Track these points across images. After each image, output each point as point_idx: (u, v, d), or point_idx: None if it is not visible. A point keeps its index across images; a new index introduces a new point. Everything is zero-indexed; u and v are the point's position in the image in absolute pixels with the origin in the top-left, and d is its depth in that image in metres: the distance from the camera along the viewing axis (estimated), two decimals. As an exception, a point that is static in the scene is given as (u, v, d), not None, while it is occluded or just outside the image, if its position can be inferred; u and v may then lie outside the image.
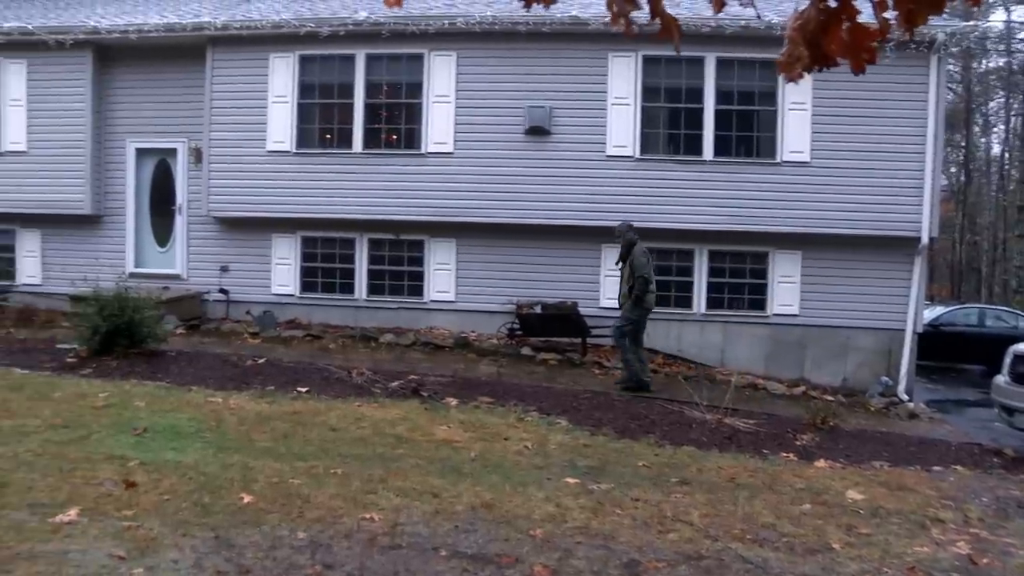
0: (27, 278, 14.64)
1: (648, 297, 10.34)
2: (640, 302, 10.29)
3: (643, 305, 10.35)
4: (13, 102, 14.39)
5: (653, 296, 10.49)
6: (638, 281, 10.22)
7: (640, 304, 10.31)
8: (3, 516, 4.69)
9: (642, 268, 10.24)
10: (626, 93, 12.50)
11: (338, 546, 4.60)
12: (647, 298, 10.33)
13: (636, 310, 10.35)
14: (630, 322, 10.41)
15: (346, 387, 9.04)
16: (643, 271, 10.23)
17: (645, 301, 10.33)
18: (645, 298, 10.30)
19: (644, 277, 10.22)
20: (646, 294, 10.28)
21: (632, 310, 10.36)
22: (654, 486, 6.28)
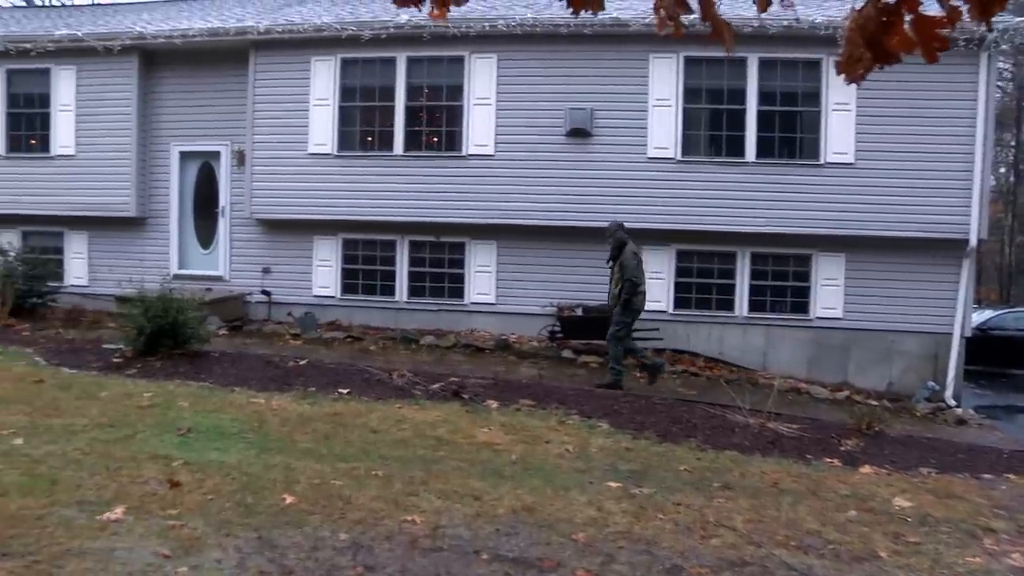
0: (75, 279, 14.90)
1: (636, 299, 10.24)
2: (629, 304, 10.20)
3: (632, 307, 10.26)
4: (63, 107, 14.66)
5: (642, 298, 10.38)
6: (626, 284, 10.12)
7: (629, 306, 10.22)
8: (53, 513, 4.77)
9: (631, 270, 10.12)
10: (667, 94, 12.42)
11: (379, 548, 4.60)
12: (635, 300, 10.22)
13: (626, 313, 10.26)
14: (624, 326, 10.30)
15: (387, 389, 9.05)
16: (631, 273, 10.11)
17: (633, 303, 10.23)
18: (633, 300, 10.20)
19: (631, 280, 10.10)
20: (634, 296, 10.17)
21: (623, 313, 10.25)
22: (696, 491, 6.20)
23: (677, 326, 12.67)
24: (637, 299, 10.25)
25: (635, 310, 10.34)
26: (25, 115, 14.97)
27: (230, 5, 17.15)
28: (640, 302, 10.36)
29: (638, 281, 10.16)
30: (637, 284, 10.15)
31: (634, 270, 10.11)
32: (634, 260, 10.20)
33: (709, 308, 12.69)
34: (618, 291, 10.23)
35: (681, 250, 12.77)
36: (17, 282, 13.04)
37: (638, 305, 10.34)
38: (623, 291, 10.12)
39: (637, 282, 10.14)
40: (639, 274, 10.19)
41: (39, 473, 5.51)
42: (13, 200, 14.84)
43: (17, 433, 6.54)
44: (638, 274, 10.16)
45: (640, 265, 10.28)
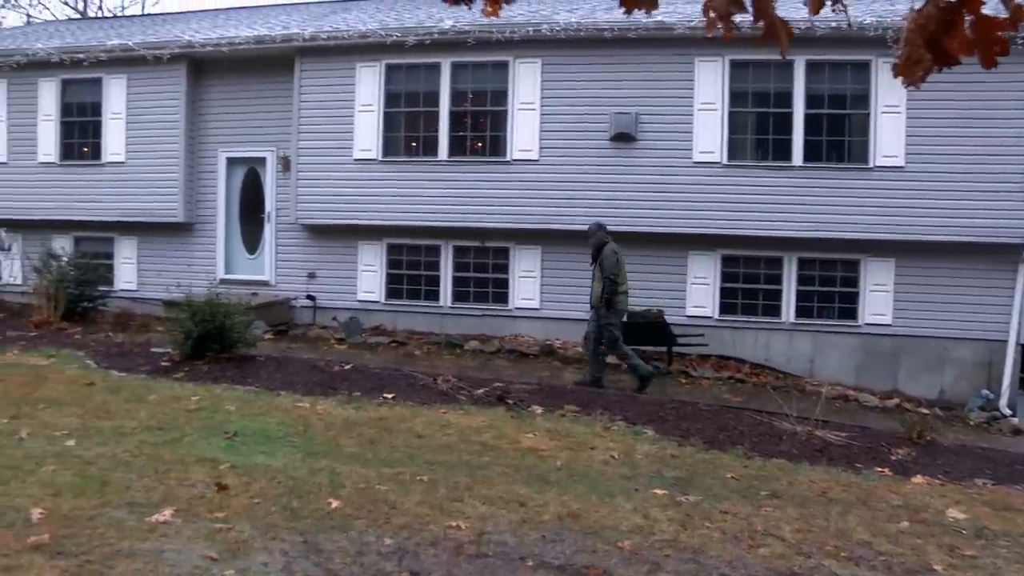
0: (124, 284, 15.13)
1: (618, 299, 10.17)
2: (612, 305, 10.13)
3: (616, 307, 10.19)
4: (114, 115, 14.93)
5: (624, 297, 10.30)
6: (605, 283, 10.07)
7: (613, 307, 10.15)
8: (104, 514, 4.84)
9: (609, 269, 10.06)
10: (713, 98, 12.30)
11: (424, 553, 4.59)
12: (617, 299, 10.16)
13: (611, 314, 10.18)
14: (613, 325, 10.22)
15: (432, 394, 9.05)
16: (610, 272, 10.05)
17: (616, 303, 10.16)
18: (615, 300, 10.13)
19: (610, 279, 10.04)
20: (615, 295, 10.11)
21: (608, 315, 10.18)
22: (743, 499, 6.11)
23: (723, 332, 12.54)
24: (619, 298, 10.19)
25: (619, 310, 10.28)
26: (78, 123, 15.28)
27: (276, 13, 17.38)
28: (623, 302, 10.28)
29: (617, 280, 10.10)
30: (617, 283, 10.09)
31: (612, 268, 10.06)
32: (613, 259, 10.13)
33: (755, 314, 12.54)
34: (600, 291, 10.22)
35: (727, 255, 12.64)
36: (69, 287, 13.30)
37: (622, 305, 10.29)
38: (604, 290, 10.10)
39: (617, 281, 10.09)
40: (618, 272, 10.12)
41: (90, 474, 5.59)
42: (66, 206, 15.15)
43: (70, 435, 6.65)
44: (616, 272, 10.10)
45: (619, 264, 10.20)
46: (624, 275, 10.30)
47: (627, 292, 10.36)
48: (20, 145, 15.55)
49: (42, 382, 8.73)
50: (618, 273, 10.13)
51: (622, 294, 10.22)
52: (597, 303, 10.30)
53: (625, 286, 10.29)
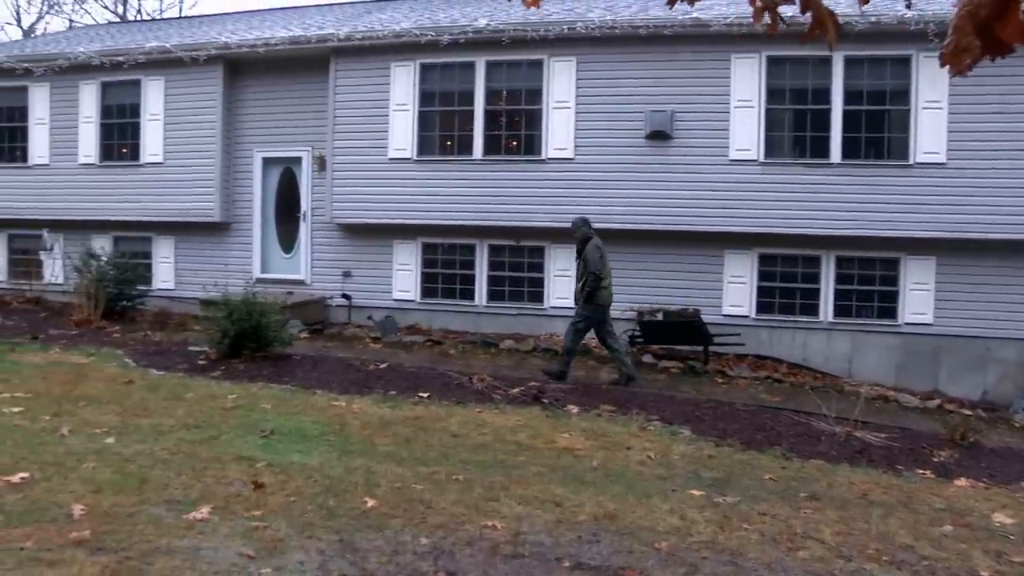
0: (161, 283, 15.31)
1: (601, 293, 10.17)
2: (592, 298, 10.14)
3: (596, 301, 10.18)
4: (152, 116, 15.10)
5: (607, 292, 10.29)
6: (589, 277, 10.10)
7: (593, 300, 10.16)
8: (143, 511, 4.89)
9: (593, 263, 10.08)
10: (749, 95, 12.19)
11: (460, 553, 4.57)
12: (599, 294, 10.16)
13: (589, 307, 10.20)
14: (583, 318, 10.27)
15: (467, 393, 9.05)
16: (594, 267, 10.07)
17: (598, 297, 10.16)
18: (597, 294, 10.14)
19: (594, 273, 10.06)
20: (598, 290, 10.12)
21: (585, 307, 10.22)
22: (782, 500, 6.03)
23: (760, 331, 12.42)
24: (601, 293, 10.19)
25: (600, 304, 10.26)
26: (117, 125, 15.48)
27: (311, 13, 17.49)
28: (605, 296, 10.27)
29: (601, 274, 10.11)
30: (600, 278, 10.11)
31: (596, 263, 10.07)
32: (596, 254, 10.15)
33: (792, 313, 12.41)
34: (581, 285, 10.27)
35: (763, 254, 12.51)
36: (108, 286, 13.47)
37: (603, 299, 10.26)
38: (586, 284, 10.14)
39: (601, 275, 10.11)
40: (601, 267, 10.12)
41: (129, 471, 5.65)
42: (106, 207, 15.37)
43: (109, 432, 6.73)
44: (600, 267, 10.10)
45: (603, 259, 10.19)
46: (608, 270, 10.30)
47: (609, 287, 10.35)
48: (62, 147, 15.80)
49: (83, 380, 8.86)
50: (602, 268, 10.15)
51: (604, 289, 10.22)
52: (578, 296, 10.38)
53: (607, 280, 10.28)
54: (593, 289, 10.11)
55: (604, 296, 10.25)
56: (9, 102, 16.33)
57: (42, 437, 6.51)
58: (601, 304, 10.26)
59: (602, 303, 10.27)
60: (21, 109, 16.18)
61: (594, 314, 10.27)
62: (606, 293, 10.28)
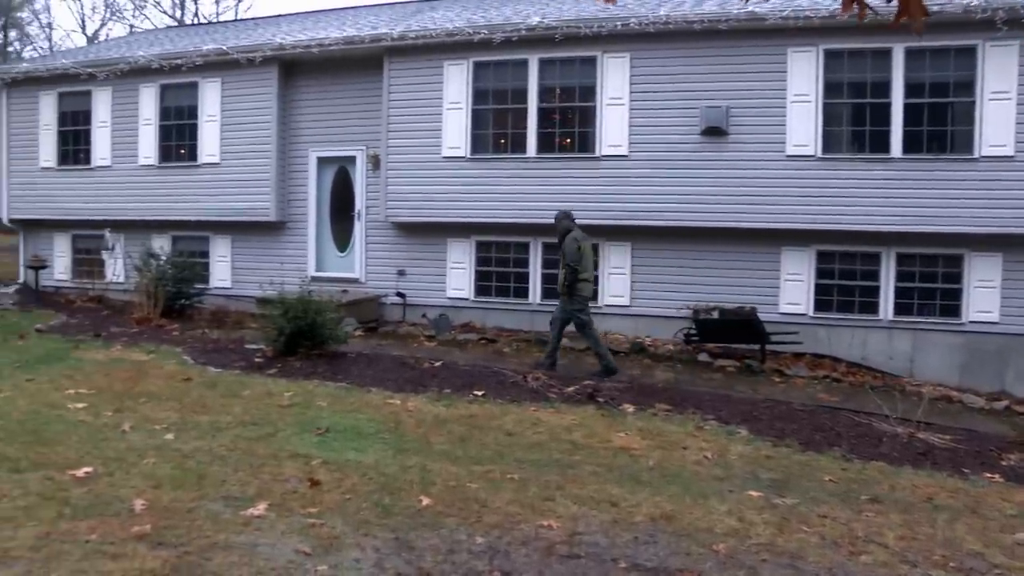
0: (219, 281, 15.53)
1: (579, 286, 10.28)
2: (573, 292, 10.25)
3: (577, 295, 10.29)
4: (209, 118, 15.34)
5: (586, 285, 10.41)
6: (566, 270, 10.21)
7: (574, 294, 10.27)
8: (201, 506, 4.95)
9: (570, 256, 10.17)
10: (807, 90, 11.98)
11: (516, 553, 4.55)
12: (579, 287, 10.27)
13: (571, 301, 10.33)
14: (565, 312, 10.42)
15: (521, 391, 9.01)
16: (570, 259, 10.16)
17: (577, 290, 10.26)
18: (576, 287, 10.24)
19: (570, 266, 10.15)
20: (576, 283, 10.22)
21: (571, 302, 10.35)
22: (842, 503, 5.90)
23: (817, 329, 12.21)
24: (580, 285, 10.28)
25: (582, 297, 10.36)
26: (175, 126, 15.75)
27: (364, 14, 17.60)
28: (585, 288, 10.38)
29: (577, 267, 10.17)
30: (576, 271, 10.17)
31: (572, 255, 10.16)
32: (574, 246, 10.22)
33: (851, 311, 12.17)
34: (561, 278, 10.39)
35: (821, 251, 12.30)
36: (167, 284, 13.69)
37: (583, 292, 10.36)
38: (564, 277, 10.26)
39: (576, 268, 10.16)
40: (578, 260, 10.19)
41: (188, 467, 5.72)
42: (165, 207, 15.65)
43: (169, 428, 6.84)
44: (577, 259, 10.18)
45: (580, 251, 10.25)
46: (587, 263, 10.36)
47: (590, 280, 10.48)
48: (123, 149, 16.11)
49: (143, 377, 9.01)
50: (580, 261, 10.21)
51: (583, 281, 10.30)
52: (560, 290, 10.49)
53: (587, 273, 10.37)
54: (572, 282, 10.22)
55: (584, 288, 10.39)
56: (74, 106, 16.71)
57: (105, 432, 6.64)
58: (583, 296, 10.42)
59: (584, 295, 10.43)
60: (85, 113, 16.55)
61: (582, 304, 10.44)
62: (585, 285, 10.41)
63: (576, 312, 10.39)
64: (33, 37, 47.26)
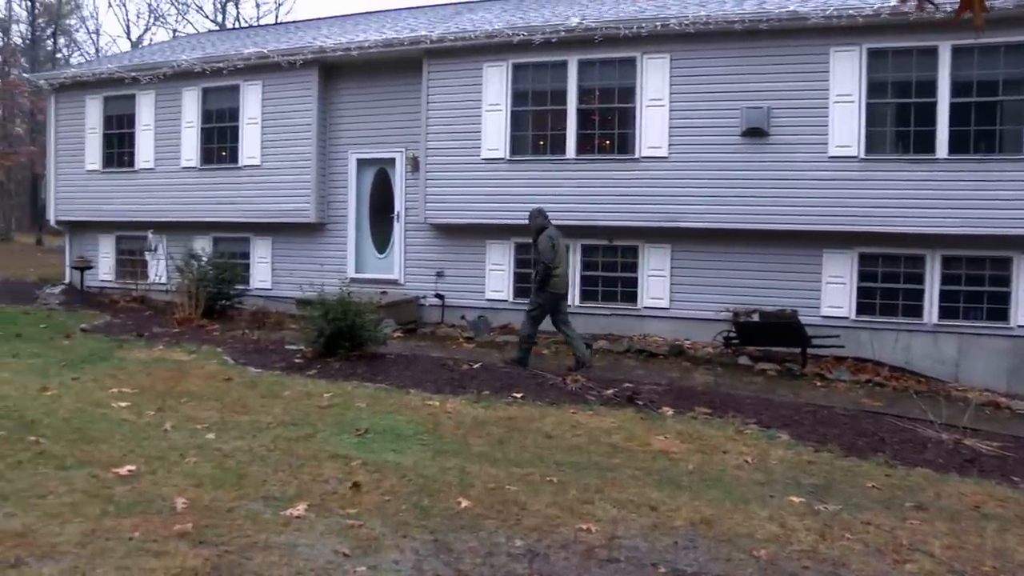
0: (259, 282, 15.67)
1: (552, 281, 10.54)
2: (544, 285, 10.52)
3: (547, 289, 10.54)
4: (250, 120, 15.48)
5: (559, 280, 10.64)
6: (539, 266, 10.51)
7: (544, 288, 10.53)
8: (242, 506, 4.98)
9: (543, 253, 10.47)
10: (849, 89, 11.81)
11: (555, 556, 4.52)
12: (551, 282, 10.52)
13: (540, 294, 10.60)
14: (537, 306, 10.66)
15: (560, 394, 8.99)
16: (544, 257, 10.46)
17: (549, 285, 10.52)
18: (548, 282, 10.51)
19: (543, 262, 10.45)
20: (548, 278, 10.49)
21: (537, 294, 10.65)
22: (886, 510, 5.78)
23: (860, 333, 12.03)
24: (553, 281, 10.54)
25: (552, 292, 10.60)
26: (217, 129, 15.92)
27: (403, 16, 17.69)
28: (557, 284, 10.62)
29: (550, 263, 10.45)
30: (549, 266, 10.46)
31: (546, 252, 10.47)
32: (548, 243, 10.51)
33: (895, 315, 11.98)
34: (535, 274, 10.68)
35: (864, 253, 12.12)
36: (208, 285, 13.85)
37: (555, 287, 10.60)
38: (537, 273, 10.56)
39: (549, 264, 10.45)
40: (551, 256, 10.48)
41: (228, 467, 5.76)
42: (206, 209, 15.83)
43: (209, 428, 6.90)
44: (550, 256, 10.46)
45: (554, 248, 10.53)
46: (560, 258, 10.63)
47: (562, 276, 10.72)
48: (165, 151, 16.33)
49: (184, 376, 9.11)
50: (553, 257, 10.51)
51: (556, 277, 10.56)
52: (534, 284, 10.80)
53: (560, 269, 10.63)
54: (544, 277, 10.49)
55: (556, 284, 10.62)
56: (119, 110, 16.98)
57: (147, 431, 6.71)
58: (553, 291, 10.63)
59: (554, 291, 10.63)
60: (129, 116, 16.80)
61: (547, 301, 10.64)
62: (559, 281, 10.65)
63: (538, 305, 10.66)
64: (80, 43, 48.27)
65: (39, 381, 8.50)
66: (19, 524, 4.50)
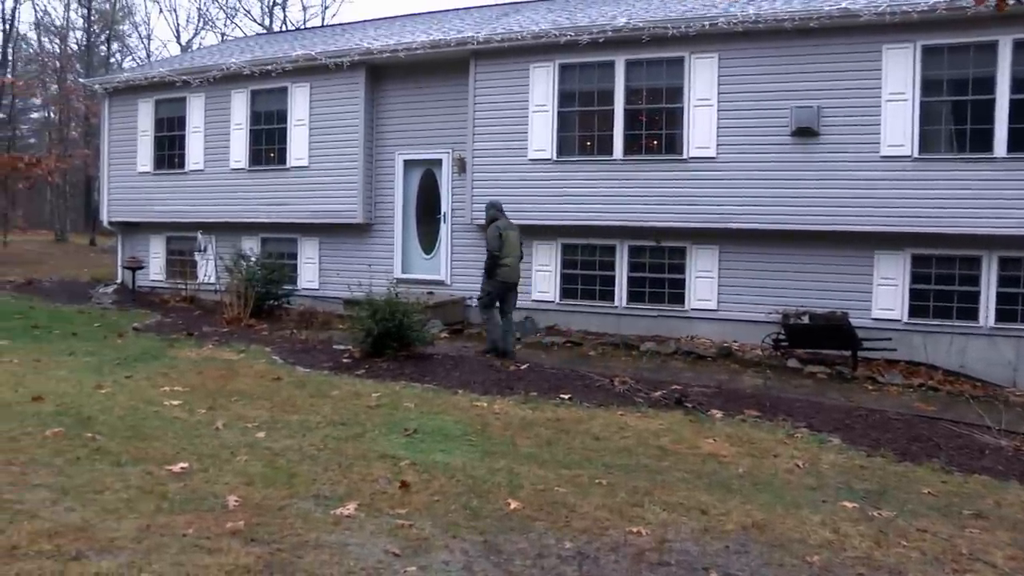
0: (306, 283, 15.80)
1: (499, 270, 10.97)
2: (491, 274, 11.00)
3: (495, 278, 10.99)
4: (297, 122, 15.62)
5: (506, 269, 11.02)
6: (488, 256, 11.01)
7: (491, 277, 11.01)
8: (292, 504, 4.99)
9: (489, 243, 10.99)
10: (902, 88, 11.59)
11: (605, 559, 4.46)
12: (497, 271, 10.96)
13: (489, 283, 11.07)
14: (485, 293, 11.12)
15: (608, 395, 8.93)
16: (489, 246, 11.01)
17: (496, 274, 10.97)
18: (495, 271, 10.96)
19: (489, 252, 10.98)
20: (495, 267, 10.94)
21: (486, 283, 11.11)
22: (943, 517, 5.62)
23: (912, 336, 11.81)
24: (500, 270, 10.96)
25: (500, 280, 11.02)
26: (265, 131, 16.10)
27: (449, 18, 17.72)
28: (506, 273, 11.03)
29: (495, 252, 10.91)
30: (495, 256, 10.92)
31: (491, 242, 10.97)
32: (494, 233, 10.99)
33: (949, 317, 11.72)
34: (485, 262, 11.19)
35: (917, 254, 11.89)
36: (257, 285, 13.97)
37: (501, 276, 11.01)
38: (486, 262, 11.06)
39: (495, 253, 10.92)
40: (497, 246, 10.92)
41: (279, 466, 5.78)
42: (254, 209, 16.00)
43: (260, 427, 6.94)
44: (495, 246, 10.92)
45: (501, 239, 10.95)
46: (509, 248, 11.03)
47: (511, 266, 11.08)
48: (215, 153, 16.54)
49: (234, 376, 9.19)
50: (501, 247, 10.95)
51: (503, 266, 10.98)
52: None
53: (508, 259, 11.02)
54: (490, 267, 10.98)
55: (503, 273, 11.02)
56: (170, 112, 17.24)
57: (199, 429, 6.77)
58: (502, 280, 11.05)
59: (501, 279, 11.04)
60: (180, 119, 17.06)
61: (495, 289, 11.07)
62: (505, 271, 11.04)
63: (487, 293, 11.08)
64: (132, 48, 49.16)
65: (94, 379, 8.65)
66: (78, 518, 4.57)
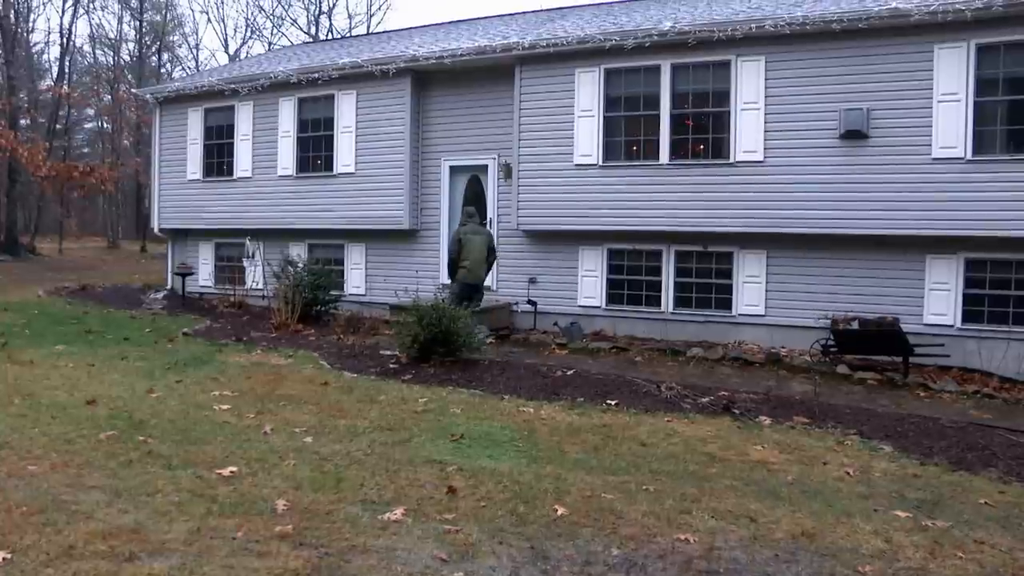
0: (353, 288, 15.93)
1: (460, 272, 12.22)
2: (452, 276, 12.35)
3: (456, 279, 12.26)
4: (344, 129, 15.81)
5: (467, 272, 12.18)
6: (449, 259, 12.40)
7: (453, 278, 12.35)
8: (340, 509, 5.04)
9: (448, 247, 12.46)
10: (955, 88, 11.37)
11: (652, 566, 4.44)
12: (458, 273, 12.22)
13: (454, 284, 12.32)
14: (451, 293, 11.87)
15: (655, 401, 8.88)
16: (448, 250, 12.50)
17: (456, 276, 12.25)
18: (456, 273, 12.25)
19: (448, 255, 12.43)
20: (455, 271, 12.26)
21: (451, 285, 12.34)
22: (1002, 529, 5.48)
23: (966, 341, 11.57)
24: (460, 272, 12.20)
25: (461, 282, 12.18)
26: (312, 138, 16.26)
27: (495, 24, 17.77)
28: (466, 276, 12.19)
29: (453, 256, 12.24)
30: (452, 260, 12.26)
31: (450, 246, 12.44)
32: (454, 237, 12.40)
33: (1005, 322, 11.45)
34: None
35: (970, 259, 11.65)
36: (304, 291, 14.12)
37: (461, 277, 12.21)
38: (448, 265, 12.43)
39: (452, 258, 12.27)
40: (454, 250, 12.24)
41: (326, 470, 5.84)
42: (301, 216, 16.17)
43: (307, 432, 7.02)
44: (453, 250, 12.28)
45: (460, 243, 12.19)
46: (467, 251, 12.15)
47: (472, 269, 12.22)
48: (263, 160, 16.75)
49: (282, 380, 9.30)
50: (459, 251, 12.17)
51: (462, 268, 12.18)
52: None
53: (467, 262, 12.16)
54: (451, 269, 12.34)
55: (462, 275, 12.20)
56: (218, 121, 17.50)
57: (247, 434, 6.86)
58: (464, 282, 12.18)
59: (464, 281, 12.19)
60: (228, 127, 17.30)
61: (460, 290, 12.06)
62: (467, 273, 12.18)
63: (452, 294, 11.77)
64: (182, 58, 50.05)
65: (146, 383, 8.80)
66: (131, 520, 4.66)
